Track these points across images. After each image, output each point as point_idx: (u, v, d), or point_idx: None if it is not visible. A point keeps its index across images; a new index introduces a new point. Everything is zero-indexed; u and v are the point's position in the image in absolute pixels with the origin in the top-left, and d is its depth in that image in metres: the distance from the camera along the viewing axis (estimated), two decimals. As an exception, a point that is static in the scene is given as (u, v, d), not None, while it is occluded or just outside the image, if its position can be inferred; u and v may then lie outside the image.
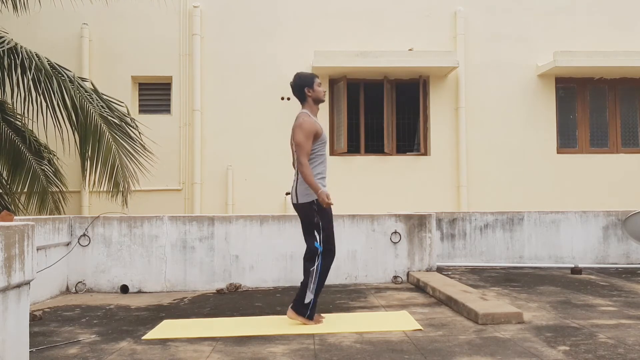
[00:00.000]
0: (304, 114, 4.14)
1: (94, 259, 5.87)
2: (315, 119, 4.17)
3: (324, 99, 4.29)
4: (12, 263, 2.33)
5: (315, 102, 4.22)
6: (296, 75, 4.26)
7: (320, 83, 4.27)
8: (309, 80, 4.19)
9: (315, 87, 4.19)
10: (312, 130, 4.05)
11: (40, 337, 3.82)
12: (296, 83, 4.21)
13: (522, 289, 5.53)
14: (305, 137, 4.02)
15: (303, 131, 4.03)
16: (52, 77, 6.11)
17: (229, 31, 8.96)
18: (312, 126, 4.06)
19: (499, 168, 9.04)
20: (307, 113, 4.16)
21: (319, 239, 4.03)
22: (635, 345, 3.37)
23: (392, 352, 3.33)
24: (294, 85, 4.22)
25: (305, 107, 4.21)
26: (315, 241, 4.04)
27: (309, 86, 4.18)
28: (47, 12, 8.36)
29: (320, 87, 4.23)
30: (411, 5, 9.13)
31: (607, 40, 9.17)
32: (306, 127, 4.04)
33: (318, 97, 4.21)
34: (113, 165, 6.58)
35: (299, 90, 4.20)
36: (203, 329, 4.01)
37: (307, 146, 4.02)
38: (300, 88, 4.19)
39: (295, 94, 4.26)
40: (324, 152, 4.19)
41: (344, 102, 8.84)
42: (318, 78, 4.26)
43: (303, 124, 4.06)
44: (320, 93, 4.23)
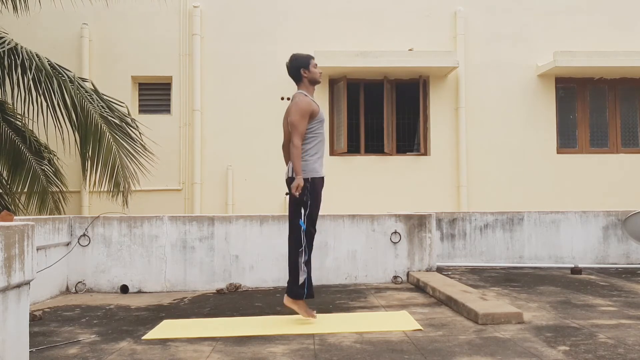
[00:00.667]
0: (299, 94, 4.11)
1: (94, 259, 5.87)
2: (312, 98, 4.14)
3: (320, 80, 4.25)
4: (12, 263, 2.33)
5: (312, 83, 4.19)
6: (292, 56, 4.22)
7: (316, 64, 4.23)
8: (305, 61, 4.15)
9: (311, 68, 4.15)
10: (308, 110, 4.01)
11: (40, 337, 3.82)
12: (292, 64, 4.17)
13: (522, 289, 5.53)
14: (300, 116, 3.98)
15: (299, 110, 3.99)
16: (53, 77, 6.11)
17: (229, 31, 8.96)
18: (308, 105, 4.02)
19: (499, 168, 9.04)
20: (303, 93, 4.12)
21: (303, 217, 4.03)
22: (635, 345, 3.37)
23: (392, 352, 3.33)
24: (289, 66, 4.18)
25: (301, 88, 4.17)
26: (300, 219, 4.03)
27: (304, 67, 4.14)
28: (47, 12, 8.36)
29: (316, 68, 4.19)
30: (411, 5, 9.13)
31: (607, 40, 9.17)
32: (302, 106, 4.01)
33: (314, 78, 4.18)
34: (113, 165, 6.58)
35: (295, 71, 4.16)
36: (203, 329, 4.01)
37: (301, 126, 3.99)
38: (296, 69, 4.15)
39: (290, 75, 4.21)
40: (321, 131, 4.16)
41: (344, 102, 8.84)
42: (314, 59, 4.22)
43: (299, 102, 4.02)
44: (316, 74, 4.19)
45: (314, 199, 4.07)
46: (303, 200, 4.02)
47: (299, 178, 3.95)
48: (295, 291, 4.07)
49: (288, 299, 4.11)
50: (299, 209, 4.05)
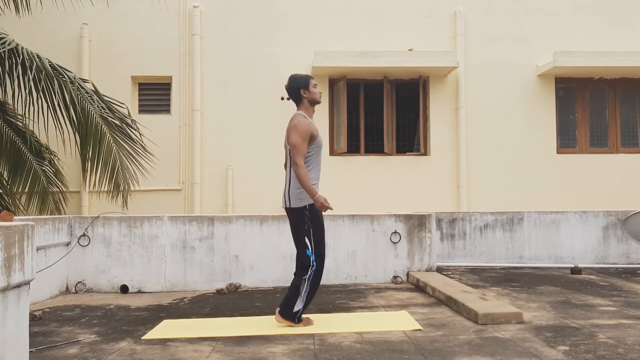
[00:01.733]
0: (299, 115, 4.04)
1: (93, 259, 5.88)
2: (311, 121, 4.07)
3: (320, 100, 4.17)
4: (12, 263, 2.33)
5: (311, 104, 4.11)
6: (291, 77, 4.16)
7: (316, 84, 4.16)
8: (304, 82, 4.09)
9: (311, 88, 4.08)
10: (307, 132, 3.94)
11: (40, 337, 3.83)
12: (291, 85, 4.11)
13: (522, 289, 5.53)
14: (301, 138, 3.90)
15: (298, 132, 3.91)
16: (53, 78, 6.11)
17: (229, 31, 8.96)
18: (307, 127, 3.95)
19: (499, 168, 9.04)
20: (302, 114, 4.06)
21: (310, 247, 3.93)
22: (635, 345, 3.37)
23: (392, 352, 3.34)
24: (289, 88, 4.12)
25: (301, 109, 4.10)
26: (307, 249, 3.93)
27: (304, 88, 4.08)
28: (47, 12, 8.36)
29: (315, 89, 4.12)
30: (411, 5, 9.13)
31: (607, 40, 9.17)
32: (302, 127, 3.93)
33: (314, 99, 4.11)
34: (114, 166, 6.58)
35: (295, 92, 4.10)
36: (203, 329, 4.01)
37: (303, 148, 3.91)
38: (296, 90, 4.09)
39: (290, 96, 4.15)
40: (318, 158, 4.07)
41: (343, 102, 8.84)
42: (313, 79, 4.15)
43: (298, 124, 3.95)
44: (316, 94, 4.11)
45: (315, 224, 3.97)
46: (305, 229, 3.94)
47: (317, 198, 3.83)
48: (286, 313, 3.99)
49: (279, 316, 4.02)
50: (303, 239, 3.95)
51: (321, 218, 4.05)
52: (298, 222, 3.97)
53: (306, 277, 3.93)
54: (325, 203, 3.85)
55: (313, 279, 3.96)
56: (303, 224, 3.94)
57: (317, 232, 3.98)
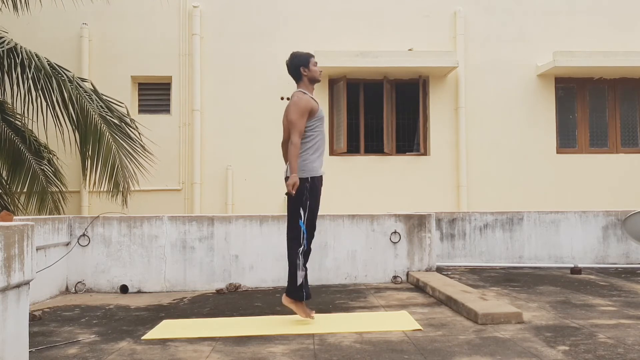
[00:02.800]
0: (299, 92, 4.10)
1: (93, 259, 5.87)
2: (311, 96, 4.13)
3: (319, 79, 4.23)
4: (12, 263, 2.33)
5: (311, 82, 4.17)
6: (292, 54, 4.21)
7: (316, 62, 4.22)
8: (305, 60, 4.14)
9: (311, 66, 4.14)
10: (307, 107, 4.00)
11: (39, 337, 3.82)
12: (292, 62, 4.16)
13: (521, 289, 5.53)
14: (299, 114, 3.97)
15: (298, 108, 3.98)
16: (52, 77, 6.10)
17: (228, 31, 8.96)
18: (307, 103, 4.01)
19: (498, 168, 9.05)
20: (302, 91, 4.12)
21: (303, 217, 4.01)
22: (634, 345, 3.37)
23: (392, 352, 3.33)
24: (289, 64, 4.17)
25: (301, 86, 4.16)
26: (300, 219, 4.01)
27: (304, 65, 4.13)
28: (47, 12, 8.36)
29: (316, 67, 4.18)
30: (411, 5, 9.13)
31: (607, 40, 9.17)
32: (301, 104, 4.00)
33: (314, 77, 4.16)
34: (113, 165, 6.57)
35: (295, 70, 4.16)
36: (203, 329, 4.01)
37: (300, 124, 3.98)
38: (296, 67, 4.15)
39: (290, 73, 4.20)
40: (321, 129, 4.15)
41: (343, 102, 8.85)
42: (314, 57, 4.21)
43: (298, 101, 4.01)
44: (316, 72, 4.17)
45: (313, 198, 4.05)
46: (302, 200, 4.01)
47: (294, 176, 3.93)
48: (294, 292, 4.07)
49: (287, 298, 4.11)
50: (298, 209, 4.04)
51: (319, 196, 4.13)
52: (297, 192, 4.01)
53: (301, 249, 4.04)
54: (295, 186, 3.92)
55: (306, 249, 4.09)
56: (302, 195, 4.01)
57: (312, 208, 4.06)
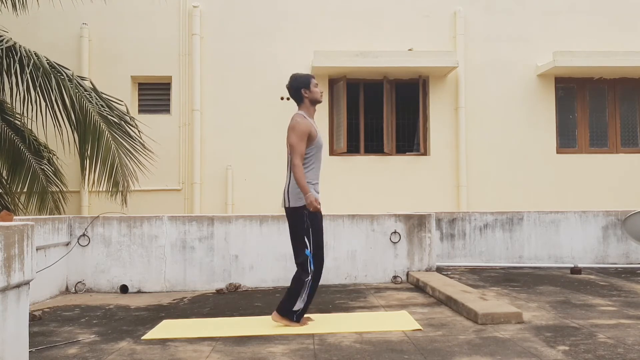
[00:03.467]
0: (298, 115, 4.06)
1: (93, 259, 5.87)
2: (312, 121, 4.08)
3: (321, 100, 4.19)
4: (12, 263, 2.33)
5: (312, 103, 4.13)
6: (292, 76, 4.17)
7: (317, 84, 4.17)
8: (306, 81, 4.10)
9: (312, 87, 4.10)
10: (305, 131, 3.95)
11: (39, 337, 3.82)
12: (292, 85, 4.12)
13: (521, 289, 5.53)
14: (298, 138, 3.93)
15: (296, 132, 3.94)
16: (51, 75, 6.09)
17: (228, 31, 8.95)
18: (306, 127, 3.97)
19: (498, 168, 9.04)
20: (303, 114, 4.07)
21: (309, 246, 3.94)
22: (634, 345, 3.37)
23: (392, 352, 3.33)
24: (290, 87, 4.14)
25: (302, 109, 4.11)
26: (306, 248, 3.94)
27: (305, 87, 4.09)
28: (46, 12, 8.35)
29: (317, 88, 4.14)
30: (411, 5, 9.13)
31: (607, 40, 9.17)
32: (300, 127, 3.95)
33: (315, 98, 4.12)
34: (112, 164, 6.56)
35: (296, 92, 4.12)
36: (203, 329, 4.01)
37: (300, 147, 3.93)
38: (297, 90, 4.11)
39: (291, 95, 4.17)
40: (318, 158, 4.08)
41: (343, 102, 8.84)
42: (314, 79, 4.16)
43: (296, 125, 3.97)
44: (317, 94, 4.13)
45: (314, 223, 3.97)
46: (304, 228, 3.94)
47: (309, 195, 3.85)
48: (285, 313, 3.99)
49: (277, 315, 4.02)
50: (302, 239, 3.96)
51: (320, 219, 4.05)
52: (297, 221, 3.98)
53: (308, 279, 3.94)
54: (315, 203, 3.86)
55: (313, 281, 3.97)
56: (302, 223, 3.95)
57: (316, 233, 3.99)
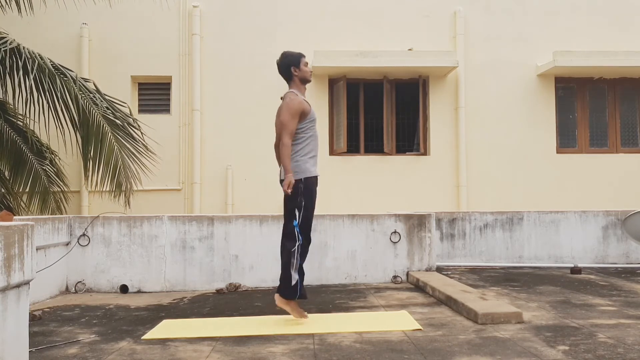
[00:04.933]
0: (290, 93, 4.10)
1: (93, 259, 5.88)
2: (303, 98, 4.12)
3: (310, 79, 4.24)
4: (12, 263, 2.33)
5: (302, 82, 4.17)
6: (283, 53, 4.20)
7: (307, 62, 4.22)
8: (296, 59, 4.14)
9: (302, 66, 4.14)
10: (299, 109, 4.00)
11: (39, 337, 3.83)
12: (282, 62, 4.16)
13: (521, 289, 5.53)
14: (291, 115, 3.97)
15: (289, 110, 3.98)
16: (55, 77, 6.10)
17: (228, 31, 8.96)
18: (299, 105, 4.01)
19: (498, 168, 9.05)
20: (294, 92, 4.11)
21: (297, 218, 4.00)
22: (634, 344, 3.37)
23: (392, 352, 3.34)
24: (280, 64, 4.17)
25: (293, 87, 4.16)
26: (295, 219, 4.00)
27: (295, 65, 4.13)
28: (47, 12, 8.35)
29: (307, 67, 4.18)
30: (411, 5, 9.14)
31: (606, 40, 9.17)
32: (293, 105, 3.99)
33: (304, 77, 4.16)
34: (115, 165, 6.57)
35: (285, 69, 4.15)
36: (203, 329, 4.01)
37: (291, 125, 3.97)
38: (287, 67, 4.14)
39: (281, 73, 4.20)
40: (313, 132, 4.15)
41: (343, 102, 8.84)
42: (305, 57, 4.20)
43: (290, 102, 4.01)
44: (307, 73, 4.17)
45: (308, 199, 4.04)
46: (297, 201, 4.00)
47: (289, 176, 3.94)
48: (287, 292, 4.05)
49: (280, 298, 4.09)
50: (293, 210, 4.03)
51: (314, 197, 4.12)
52: (292, 193, 4.01)
53: (294, 248, 4.00)
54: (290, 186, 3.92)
55: (301, 251, 4.04)
56: (296, 195, 4.00)
57: (307, 209, 4.05)
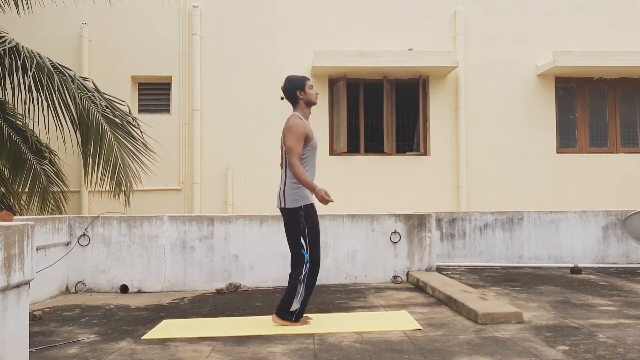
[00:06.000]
0: (294, 117, 4.07)
1: (93, 259, 5.88)
2: (307, 122, 4.09)
3: (315, 102, 4.21)
4: (12, 263, 2.33)
5: (307, 105, 4.14)
6: (287, 78, 4.19)
7: (312, 85, 4.20)
8: (301, 83, 4.12)
9: (307, 89, 4.12)
10: (302, 133, 3.97)
11: (39, 337, 3.83)
12: (287, 87, 4.14)
13: (521, 289, 5.53)
14: (296, 139, 3.94)
15: (293, 134, 3.95)
16: (54, 76, 6.10)
17: (228, 31, 8.96)
18: (303, 128, 3.98)
19: (498, 168, 9.05)
20: (298, 115, 4.09)
21: (305, 247, 3.96)
22: (634, 344, 3.37)
23: (392, 352, 3.34)
24: (285, 89, 4.16)
25: (297, 110, 4.14)
26: (302, 249, 3.96)
27: (300, 89, 4.11)
28: (46, 12, 8.36)
29: (312, 90, 4.16)
30: (411, 5, 9.13)
31: (606, 40, 9.17)
32: (296, 129, 3.96)
33: (310, 100, 4.14)
34: (115, 164, 6.57)
35: (291, 94, 4.14)
36: (203, 329, 4.01)
37: (298, 149, 3.94)
38: (292, 91, 4.13)
39: (286, 97, 4.19)
40: (313, 159, 4.10)
41: (343, 102, 8.84)
42: (309, 80, 4.18)
43: (293, 126, 3.98)
44: (312, 96, 4.15)
45: (311, 225, 3.99)
46: (300, 229, 3.96)
47: (318, 190, 3.85)
48: (283, 315, 4.02)
49: (276, 317, 4.05)
50: (298, 239, 3.98)
51: (316, 219, 4.06)
52: (293, 222, 3.99)
53: (301, 277, 3.95)
54: (326, 196, 3.86)
55: (308, 279, 3.98)
56: (298, 224, 3.97)
57: (312, 232, 4.00)
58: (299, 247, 3.98)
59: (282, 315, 4.01)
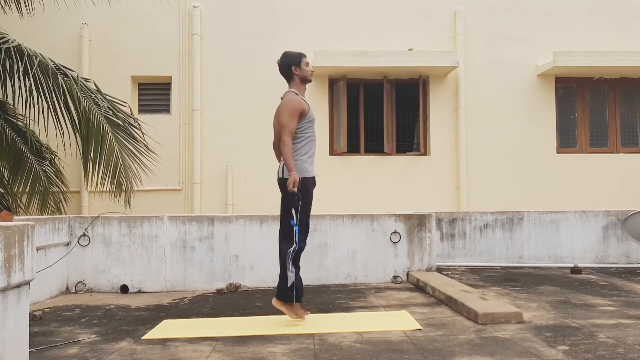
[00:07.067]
0: (290, 92, 4.11)
1: (93, 259, 5.88)
2: (303, 97, 4.13)
3: (311, 79, 4.25)
4: (12, 263, 2.33)
5: (303, 82, 4.18)
6: (284, 53, 4.22)
7: (308, 62, 4.24)
8: (297, 59, 4.16)
9: (303, 66, 4.15)
10: (298, 109, 4.01)
11: (40, 337, 3.83)
12: (283, 61, 4.18)
13: (521, 289, 5.53)
14: (290, 115, 3.98)
15: (288, 109, 3.99)
16: (57, 76, 6.09)
17: (229, 31, 8.96)
18: (298, 104, 4.02)
19: (498, 168, 9.05)
20: (294, 91, 4.12)
21: (295, 218, 4.01)
22: (635, 344, 3.37)
23: (392, 352, 3.34)
24: (281, 63, 4.19)
25: (292, 86, 4.17)
26: (292, 219, 4.02)
27: (296, 65, 4.14)
28: (47, 12, 8.36)
29: (307, 67, 4.19)
30: (411, 5, 9.13)
31: (607, 40, 9.17)
32: (292, 105, 4.01)
33: (305, 77, 4.18)
34: (116, 166, 6.57)
35: (286, 69, 4.17)
36: (203, 329, 4.01)
37: (291, 125, 3.99)
38: (288, 66, 4.16)
39: (282, 73, 4.22)
40: (312, 132, 4.16)
41: (343, 102, 8.84)
42: (306, 57, 4.22)
43: (289, 102, 4.02)
44: (307, 72, 4.19)
45: (305, 199, 4.05)
46: (294, 200, 4.01)
47: (293, 174, 3.94)
48: (284, 294, 4.05)
49: (277, 301, 4.10)
50: (290, 210, 4.04)
51: (311, 195, 4.13)
52: (288, 193, 4.02)
53: (291, 249, 4.01)
54: (295, 184, 3.92)
55: (297, 250, 4.05)
56: (293, 195, 4.01)
57: (304, 208, 4.05)
58: (289, 218, 4.04)
59: (283, 297, 4.05)
